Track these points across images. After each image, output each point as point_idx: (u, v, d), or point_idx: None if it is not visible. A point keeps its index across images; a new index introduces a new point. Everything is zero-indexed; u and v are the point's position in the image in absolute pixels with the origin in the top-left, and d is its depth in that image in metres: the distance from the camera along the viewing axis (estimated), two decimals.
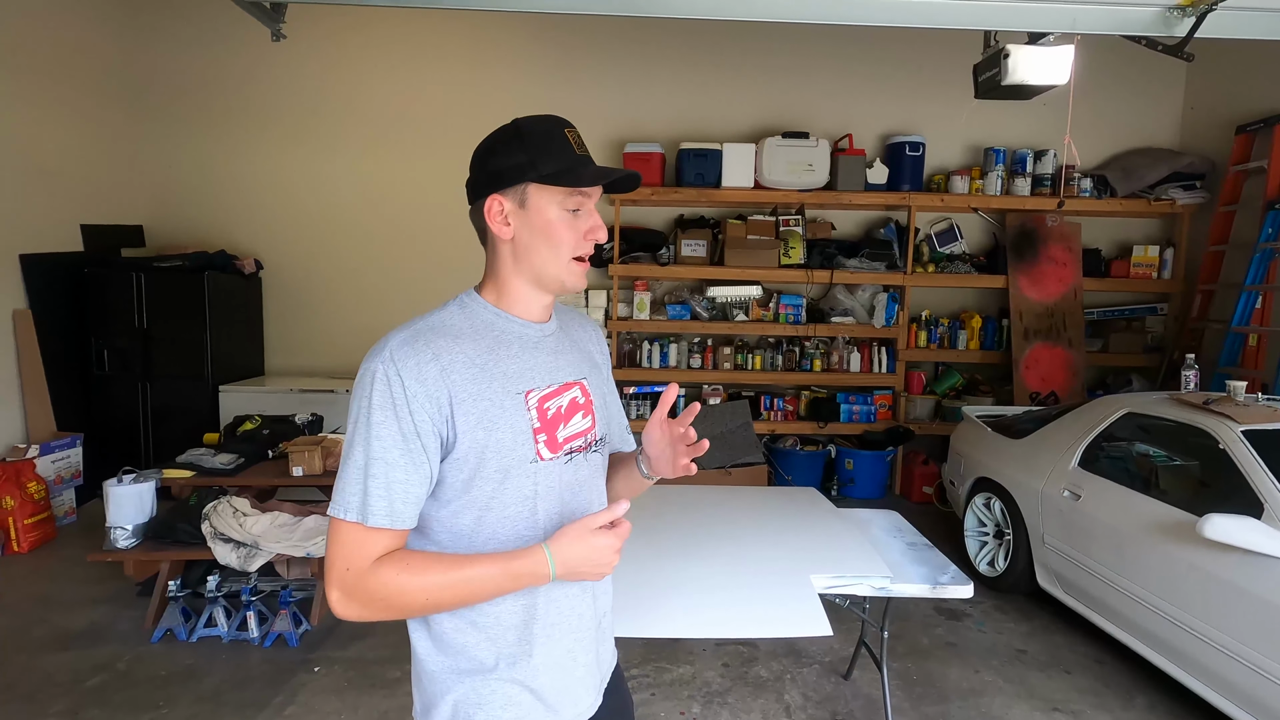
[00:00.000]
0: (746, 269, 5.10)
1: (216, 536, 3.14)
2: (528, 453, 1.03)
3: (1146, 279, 5.28)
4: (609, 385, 1.25)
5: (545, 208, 1.03)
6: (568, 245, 1.04)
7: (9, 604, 3.42)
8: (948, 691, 2.89)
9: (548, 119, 1.05)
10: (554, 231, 1.03)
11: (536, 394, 1.05)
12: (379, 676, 2.88)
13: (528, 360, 1.07)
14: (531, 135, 1.03)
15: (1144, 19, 2.73)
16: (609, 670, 1.22)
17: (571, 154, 1.03)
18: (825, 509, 2.96)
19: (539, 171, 1.01)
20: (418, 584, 0.96)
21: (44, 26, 4.58)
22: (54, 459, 4.37)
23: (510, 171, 1.03)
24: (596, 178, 1.03)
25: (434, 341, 1.00)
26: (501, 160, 1.03)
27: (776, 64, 5.38)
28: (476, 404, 0.99)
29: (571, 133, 1.04)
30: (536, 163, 1.01)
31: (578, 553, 0.99)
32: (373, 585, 0.95)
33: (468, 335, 1.03)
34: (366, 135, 5.40)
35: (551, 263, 1.04)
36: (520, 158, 1.02)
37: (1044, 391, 5.07)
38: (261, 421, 4.00)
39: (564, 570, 0.99)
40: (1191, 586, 2.59)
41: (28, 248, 4.46)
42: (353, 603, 0.95)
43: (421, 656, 1.07)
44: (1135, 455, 3.24)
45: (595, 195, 1.07)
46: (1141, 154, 5.29)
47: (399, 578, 0.95)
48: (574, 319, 1.23)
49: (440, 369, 0.98)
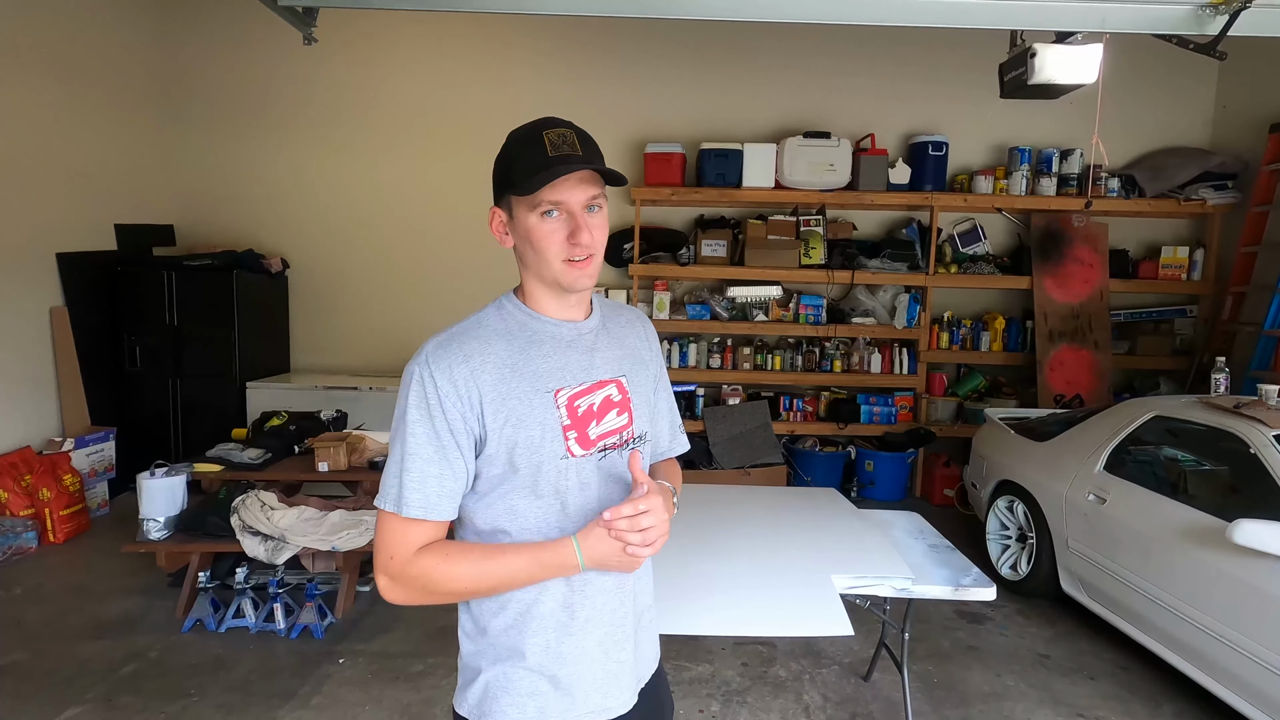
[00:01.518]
0: (767, 269, 5.09)
1: (245, 529, 3.20)
2: (558, 449, 1.05)
3: (1176, 280, 5.19)
4: (659, 382, 1.25)
5: (523, 217, 1.04)
6: (552, 250, 1.03)
7: (46, 593, 3.52)
8: (969, 695, 2.87)
9: (533, 125, 1.04)
10: (535, 238, 1.03)
11: (567, 392, 1.07)
12: (402, 670, 2.93)
13: (559, 359, 1.09)
14: (511, 145, 1.05)
15: (1175, 17, 2.68)
16: (648, 670, 1.22)
17: (540, 158, 0.99)
18: (846, 509, 2.96)
19: (511, 181, 1.03)
20: (453, 572, 1.02)
21: (82, 34, 4.70)
22: (88, 453, 4.49)
23: (500, 184, 1.07)
24: (545, 180, 0.98)
25: (466, 344, 1.04)
26: (496, 173, 1.08)
27: (798, 64, 5.37)
28: (506, 403, 1.03)
29: (553, 133, 1.01)
30: (510, 174, 1.03)
31: (606, 547, 1.01)
32: (414, 572, 1.02)
33: (501, 336, 1.07)
34: (391, 137, 5.47)
35: (545, 268, 1.05)
36: (503, 168, 1.06)
37: (1069, 394, 5.00)
38: (288, 417, 4.07)
39: (592, 562, 1.03)
40: (1220, 592, 2.55)
41: (64, 247, 4.59)
42: (397, 587, 1.03)
43: (461, 639, 1.14)
44: (1163, 459, 3.20)
45: (576, 194, 1.01)
46: (1171, 153, 5.20)
47: (437, 566, 1.02)
48: (622, 315, 1.23)
49: (470, 370, 1.02)
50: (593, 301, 1.18)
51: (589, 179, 1.02)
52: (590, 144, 1.05)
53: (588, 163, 1.01)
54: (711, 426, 5.08)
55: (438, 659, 3.01)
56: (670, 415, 1.30)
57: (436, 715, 2.65)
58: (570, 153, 1.01)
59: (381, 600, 3.43)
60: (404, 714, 2.66)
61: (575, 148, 1.02)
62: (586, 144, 1.04)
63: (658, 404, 1.25)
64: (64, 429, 4.57)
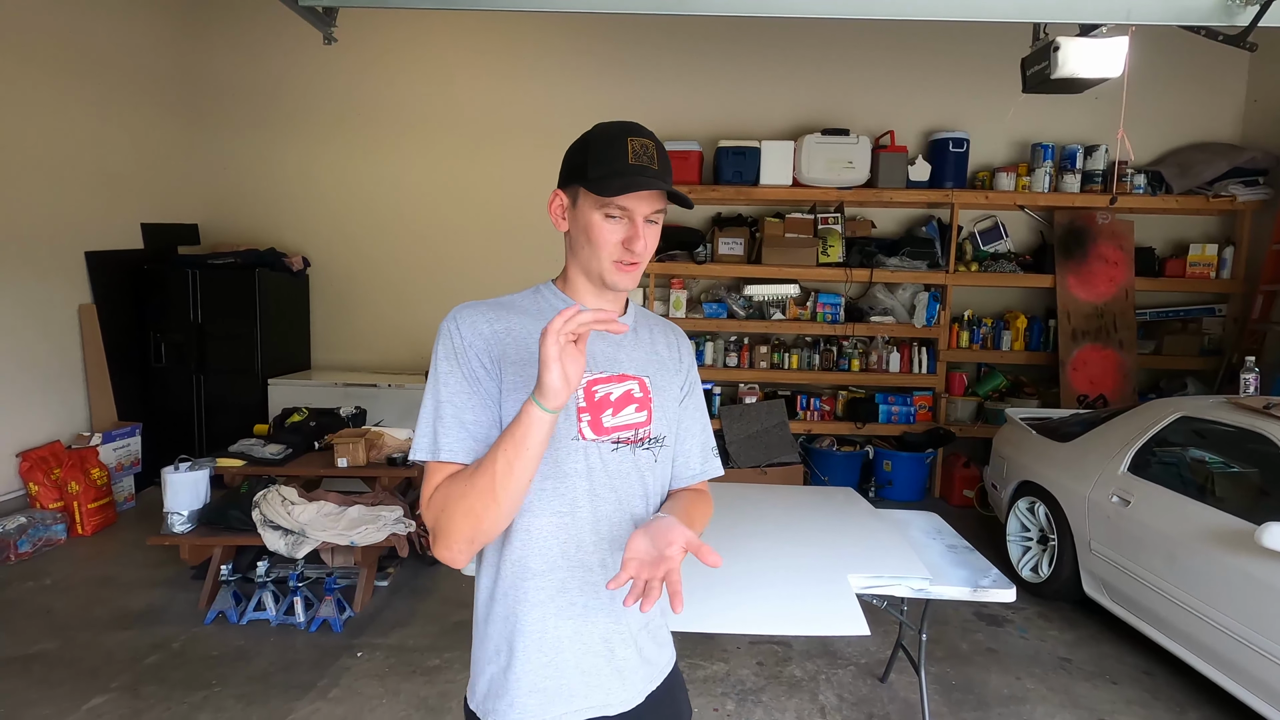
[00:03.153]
0: (784, 267, 5.07)
1: (266, 524, 3.25)
2: (569, 429, 1.07)
3: (1204, 279, 5.08)
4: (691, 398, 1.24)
5: (588, 210, 1.07)
6: (606, 249, 1.07)
7: (74, 584, 3.60)
8: (988, 698, 2.84)
9: (619, 125, 1.08)
10: (594, 233, 1.07)
11: (587, 376, 1.09)
12: (419, 664, 2.96)
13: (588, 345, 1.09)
14: (595, 140, 1.07)
15: (1203, 8, 2.63)
16: (659, 674, 1.20)
17: (620, 163, 1.03)
18: (863, 508, 2.93)
19: (586, 176, 1.06)
20: (454, 488, 1.00)
21: (110, 39, 4.79)
22: (115, 447, 4.58)
23: (570, 171, 1.10)
24: (621, 189, 1.03)
25: (495, 310, 1.11)
26: (569, 159, 1.11)
27: (816, 60, 5.33)
28: (524, 369, 1.06)
29: (635, 141, 1.05)
30: (588, 167, 1.06)
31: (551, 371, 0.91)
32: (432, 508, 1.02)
33: (531, 314, 1.12)
34: (410, 136, 5.52)
35: (593, 262, 1.09)
36: (580, 159, 1.08)
37: (1092, 394, 4.92)
38: (308, 414, 4.12)
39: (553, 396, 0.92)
40: (1248, 596, 2.49)
41: (93, 246, 4.69)
42: (434, 532, 1.01)
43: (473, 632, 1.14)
44: (1189, 461, 3.13)
45: (642, 206, 1.05)
46: (1200, 149, 5.09)
47: (442, 489, 1.02)
48: (656, 325, 1.25)
49: (494, 331, 1.08)
50: (629, 305, 1.21)
51: (656, 194, 1.07)
52: (665, 160, 1.09)
53: (662, 181, 1.05)
54: (728, 425, 5.06)
55: (453, 653, 3.03)
56: (703, 436, 1.26)
57: (452, 709, 2.67)
58: (648, 165, 1.05)
59: (398, 595, 3.51)
60: (420, 707, 2.68)
61: (653, 161, 1.06)
62: (663, 160, 1.08)
63: (688, 421, 1.23)
64: (92, 424, 4.68)
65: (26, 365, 4.26)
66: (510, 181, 5.43)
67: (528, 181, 5.34)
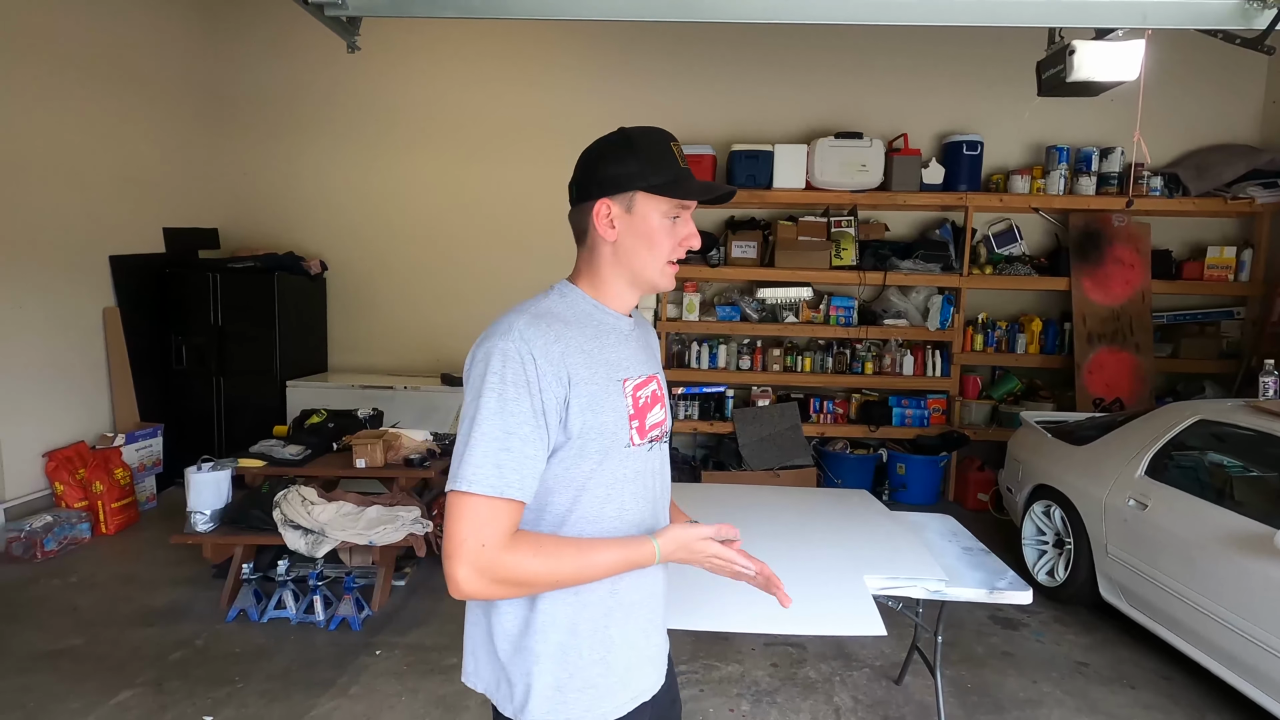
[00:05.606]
0: (797, 270, 5.08)
1: (286, 523, 3.30)
2: (623, 437, 1.08)
3: (1222, 281, 5.04)
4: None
5: (649, 215, 1.09)
6: (664, 250, 1.10)
7: (99, 582, 3.67)
8: (1004, 701, 2.83)
9: (655, 131, 1.11)
10: (655, 237, 1.09)
11: (631, 382, 1.11)
12: (437, 663, 2.99)
13: (623, 350, 1.13)
14: (642, 146, 1.08)
15: (1220, 12, 2.62)
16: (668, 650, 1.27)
17: (677, 166, 1.09)
18: (878, 510, 2.94)
19: (648, 181, 1.06)
20: (549, 566, 0.98)
21: (133, 45, 4.89)
22: (138, 448, 4.66)
23: (622, 178, 1.07)
24: (702, 192, 1.10)
25: (553, 326, 1.05)
26: (613, 167, 1.07)
27: (830, 64, 5.34)
28: (588, 387, 1.04)
29: (676, 146, 1.10)
30: (646, 172, 1.06)
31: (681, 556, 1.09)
32: (509, 564, 0.96)
33: (575, 323, 1.09)
34: (427, 143, 5.58)
35: (649, 265, 1.11)
36: (632, 166, 1.07)
37: (1108, 398, 4.89)
38: (327, 415, 4.18)
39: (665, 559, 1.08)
40: (1267, 600, 2.48)
41: (116, 249, 4.78)
42: (482, 580, 0.95)
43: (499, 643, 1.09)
44: (1208, 464, 3.11)
45: (693, 206, 1.13)
46: (1217, 150, 5.06)
47: (533, 561, 0.98)
48: (642, 324, 1.28)
49: (562, 351, 1.03)
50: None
51: None
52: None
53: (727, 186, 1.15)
54: (741, 428, 5.07)
55: None
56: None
57: (470, 707, 2.70)
58: (688, 168, 1.12)
59: (415, 595, 3.55)
60: (438, 705, 2.71)
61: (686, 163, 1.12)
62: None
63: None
64: (115, 425, 4.76)
65: (52, 367, 4.35)
66: (524, 186, 5.47)
67: (542, 186, 5.38)
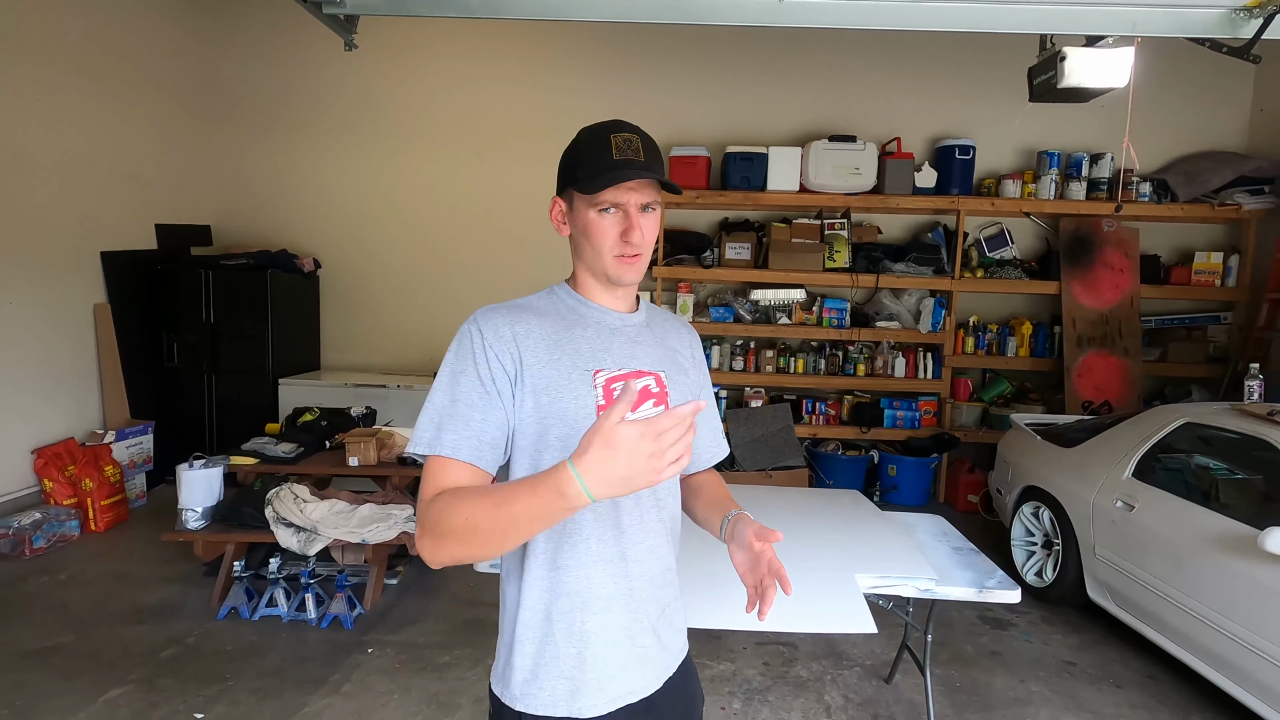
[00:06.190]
0: (790, 272, 5.10)
1: (279, 521, 3.29)
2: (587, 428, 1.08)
3: (1209, 286, 5.10)
4: (702, 391, 1.30)
5: (583, 210, 1.11)
6: (606, 244, 1.11)
7: (89, 579, 3.64)
8: (992, 700, 2.86)
9: (602, 126, 1.11)
10: (591, 232, 1.11)
11: (605, 374, 1.12)
12: (429, 660, 2.99)
13: (602, 343, 1.15)
14: (580, 142, 1.12)
15: (1208, 21, 2.66)
16: (675, 661, 1.24)
17: (605, 160, 1.07)
18: (869, 510, 2.96)
19: (575, 178, 1.10)
20: (457, 506, 0.96)
21: (128, 41, 4.87)
22: (128, 445, 4.64)
23: (562, 176, 1.14)
24: (605, 184, 1.06)
25: (515, 312, 1.12)
26: (561, 165, 1.15)
27: (824, 67, 5.38)
28: (545, 371, 1.08)
29: (619, 136, 1.09)
30: (576, 169, 1.10)
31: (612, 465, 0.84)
32: (432, 512, 0.98)
33: (549, 315, 1.14)
34: (421, 141, 5.57)
35: (596, 260, 1.13)
36: (570, 164, 1.12)
37: (1097, 400, 4.94)
38: (320, 413, 4.17)
39: (602, 486, 0.85)
40: (1252, 601, 2.52)
41: (108, 246, 4.75)
42: (423, 535, 0.98)
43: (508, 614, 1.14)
44: (1194, 467, 3.16)
45: (633, 197, 1.09)
46: (1206, 157, 5.12)
47: (444, 500, 0.98)
48: (668, 322, 1.29)
49: (514, 333, 1.09)
50: (640, 301, 1.25)
51: (647, 184, 1.09)
52: (653, 150, 1.12)
53: (648, 171, 1.08)
54: (734, 429, 5.09)
55: (463, 650, 3.07)
56: (711, 421, 1.34)
57: (463, 704, 2.71)
58: (634, 158, 1.08)
59: (408, 593, 3.55)
60: (431, 703, 2.72)
61: (639, 153, 1.09)
62: (650, 150, 1.11)
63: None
64: (105, 421, 4.73)
65: (43, 363, 4.32)
66: (518, 186, 5.48)
67: (536, 186, 5.37)
